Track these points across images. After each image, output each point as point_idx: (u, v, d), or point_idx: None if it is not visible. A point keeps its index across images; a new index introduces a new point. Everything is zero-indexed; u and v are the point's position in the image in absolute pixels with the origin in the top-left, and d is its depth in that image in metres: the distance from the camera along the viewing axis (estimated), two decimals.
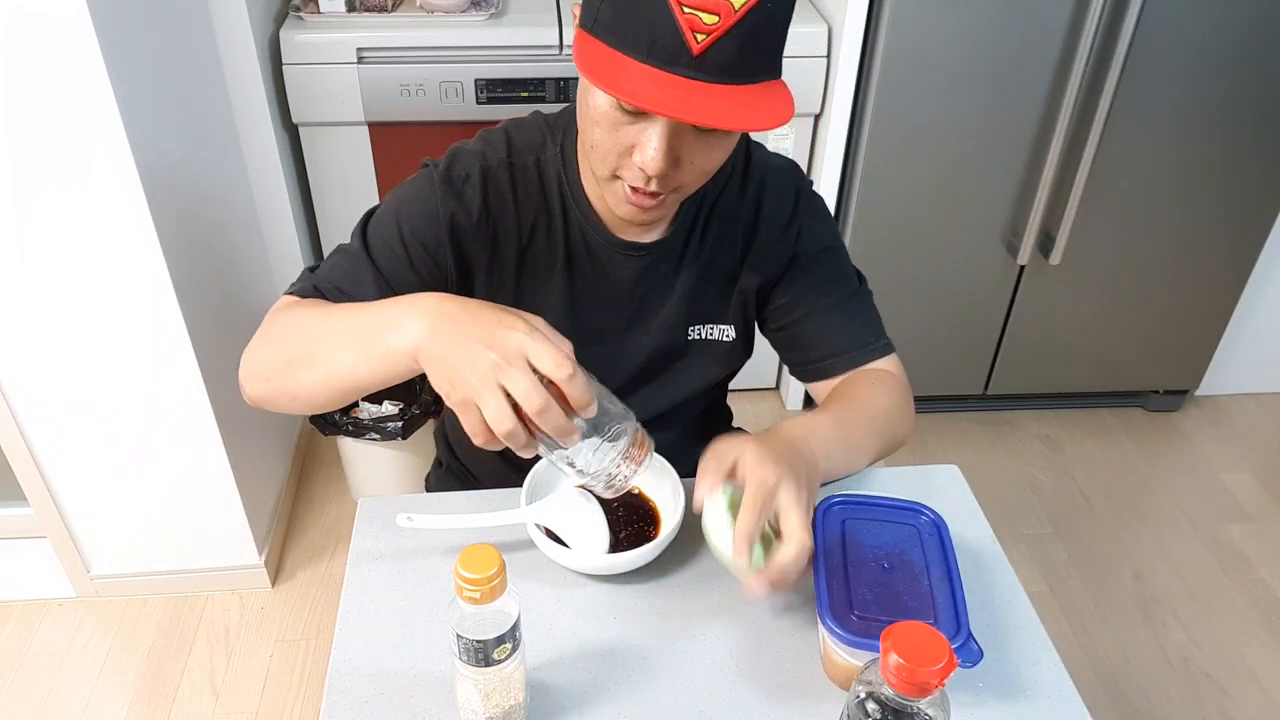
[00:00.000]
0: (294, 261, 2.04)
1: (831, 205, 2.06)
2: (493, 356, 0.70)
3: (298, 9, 1.87)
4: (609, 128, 0.81)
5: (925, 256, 2.07)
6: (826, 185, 2.03)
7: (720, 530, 0.80)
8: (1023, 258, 2.04)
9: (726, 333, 1.06)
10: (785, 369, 2.38)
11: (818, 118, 2.01)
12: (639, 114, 0.79)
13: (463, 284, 0.97)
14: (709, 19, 0.73)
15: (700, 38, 0.73)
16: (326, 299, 0.90)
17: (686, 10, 0.72)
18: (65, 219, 1.42)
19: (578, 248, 0.98)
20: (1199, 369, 2.33)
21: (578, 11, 0.82)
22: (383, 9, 1.88)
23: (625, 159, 0.83)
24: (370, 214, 0.97)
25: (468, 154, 0.96)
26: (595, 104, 0.81)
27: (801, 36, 1.90)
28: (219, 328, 1.71)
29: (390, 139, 1.93)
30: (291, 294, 0.92)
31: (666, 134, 0.79)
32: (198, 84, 1.69)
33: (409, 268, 0.93)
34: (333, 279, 0.92)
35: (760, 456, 0.80)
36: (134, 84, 1.39)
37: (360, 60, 1.83)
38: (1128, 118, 1.88)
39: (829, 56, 1.90)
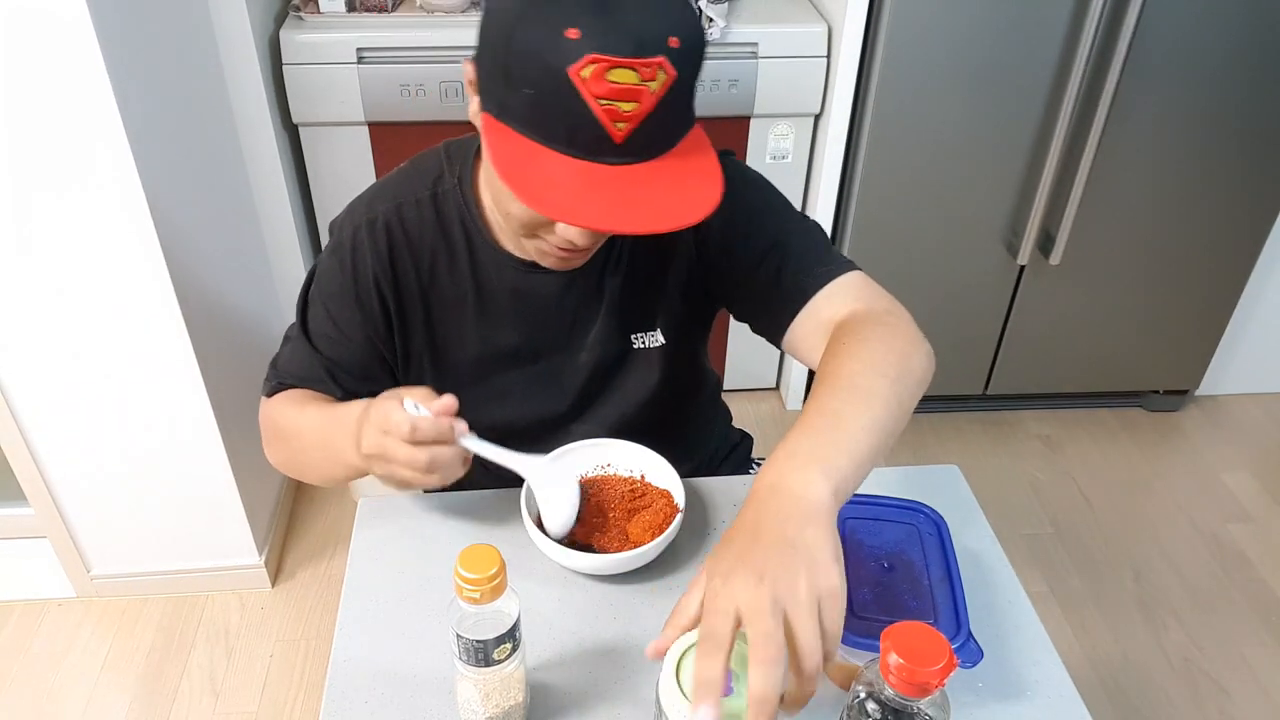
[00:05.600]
0: (294, 261, 2.04)
1: (831, 205, 2.06)
2: (387, 465, 0.82)
3: (297, 9, 1.87)
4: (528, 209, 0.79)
5: (925, 256, 2.07)
6: (826, 185, 2.03)
7: (671, 698, 0.61)
8: (1023, 258, 2.04)
9: (654, 338, 1.02)
10: (783, 370, 2.39)
11: (818, 118, 2.00)
12: None
13: (399, 330, 0.98)
14: (627, 107, 0.71)
15: (620, 126, 0.71)
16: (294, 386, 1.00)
17: (603, 103, 0.70)
18: (65, 218, 1.42)
19: (488, 276, 0.97)
20: (1199, 369, 2.32)
21: (471, 74, 0.79)
22: (383, 9, 1.88)
23: (547, 229, 0.82)
24: (307, 288, 1.00)
25: (355, 212, 0.97)
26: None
27: (801, 36, 1.90)
28: (219, 327, 1.71)
29: (390, 139, 1.93)
30: (266, 395, 1.02)
31: None
32: (198, 84, 1.69)
33: (348, 344, 0.98)
34: (293, 372, 1.00)
35: (724, 573, 0.63)
36: (134, 84, 1.39)
37: (360, 60, 1.83)
38: (1128, 117, 1.88)
39: (829, 56, 1.90)
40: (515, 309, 0.98)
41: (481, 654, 0.71)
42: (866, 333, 0.82)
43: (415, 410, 0.81)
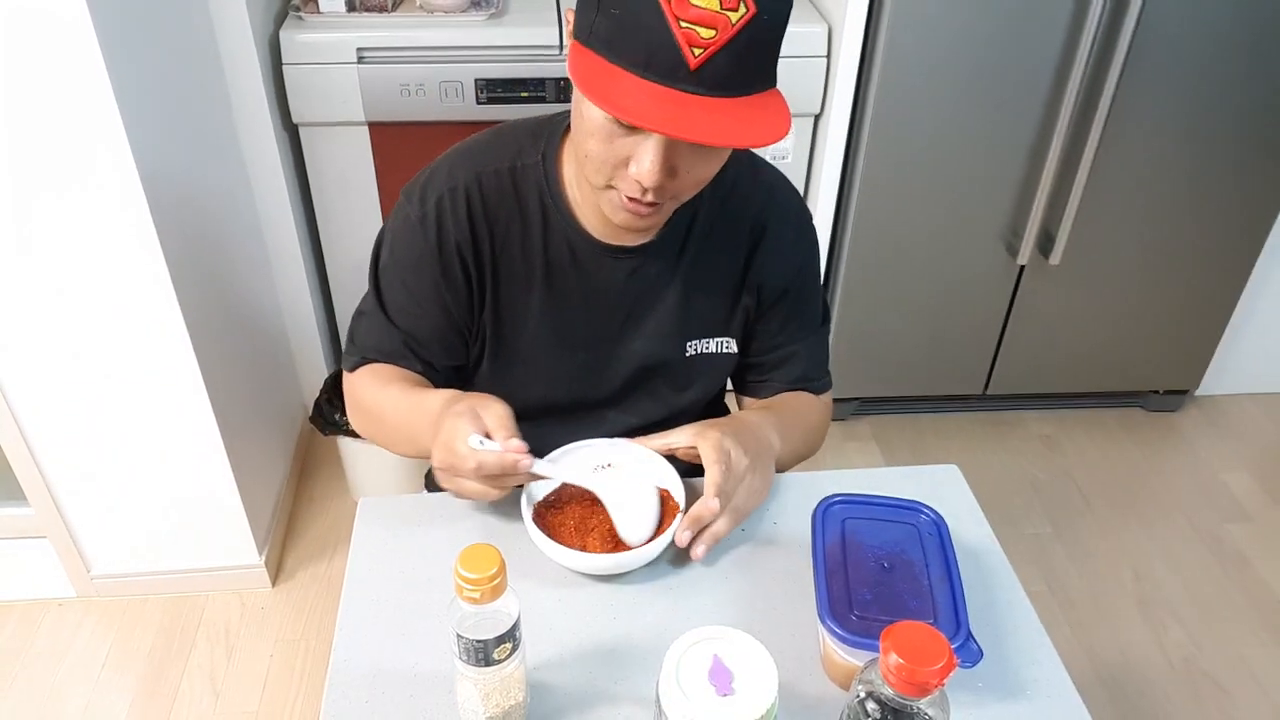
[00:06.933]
0: (294, 261, 2.04)
1: (831, 205, 2.06)
2: (454, 482, 0.89)
3: (298, 9, 1.87)
4: (604, 140, 0.82)
5: (925, 256, 2.07)
6: (826, 185, 2.03)
7: (671, 698, 0.67)
8: (1023, 258, 2.04)
9: (727, 344, 1.07)
10: None
11: (818, 118, 2.00)
12: (635, 128, 0.79)
13: (477, 299, 1.00)
14: (706, 33, 0.73)
15: (697, 52, 0.74)
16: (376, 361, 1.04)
17: (684, 25, 0.72)
18: (65, 218, 1.42)
19: (559, 254, 0.98)
20: (1199, 369, 2.33)
21: (571, 19, 0.82)
22: (383, 9, 1.88)
23: (620, 170, 0.84)
24: (377, 259, 1.02)
25: (436, 179, 0.98)
26: (590, 116, 0.81)
27: (801, 36, 1.90)
28: (219, 328, 1.71)
29: (390, 139, 1.93)
30: (348, 370, 1.06)
31: (662, 148, 0.80)
32: (198, 84, 1.69)
33: (424, 316, 1.00)
34: (373, 347, 1.03)
35: (731, 443, 0.91)
36: (134, 84, 1.39)
37: (360, 60, 1.83)
38: (1128, 117, 1.88)
39: (829, 56, 1.90)
40: (580, 288, 1.00)
41: (481, 654, 0.71)
42: (820, 414, 1.13)
43: (480, 446, 0.83)
